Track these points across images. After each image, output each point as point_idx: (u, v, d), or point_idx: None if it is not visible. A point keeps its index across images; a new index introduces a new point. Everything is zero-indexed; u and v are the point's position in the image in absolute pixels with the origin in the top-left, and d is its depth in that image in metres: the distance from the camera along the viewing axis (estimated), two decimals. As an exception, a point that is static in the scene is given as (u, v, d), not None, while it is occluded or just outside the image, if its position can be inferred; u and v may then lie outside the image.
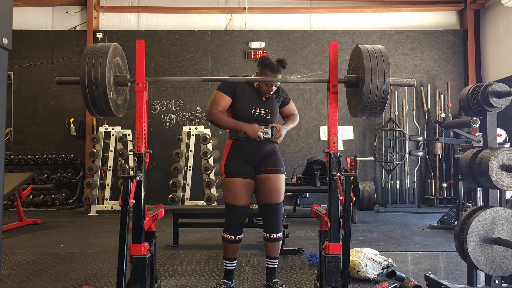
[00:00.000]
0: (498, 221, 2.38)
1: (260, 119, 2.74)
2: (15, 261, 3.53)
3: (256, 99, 2.76)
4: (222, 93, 2.71)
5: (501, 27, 7.23)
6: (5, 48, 0.99)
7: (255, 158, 2.73)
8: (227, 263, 2.79)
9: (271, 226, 2.72)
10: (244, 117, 2.71)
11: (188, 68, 7.70)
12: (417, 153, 7.33)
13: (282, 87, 2.92)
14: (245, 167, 2.71)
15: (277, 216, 2.73)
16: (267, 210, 2.72)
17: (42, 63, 7.74)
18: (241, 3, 7.84)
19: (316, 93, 7.74)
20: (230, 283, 2.80)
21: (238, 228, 2.72)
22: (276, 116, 2.84)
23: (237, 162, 2.71)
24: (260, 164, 2.74)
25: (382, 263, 3.06)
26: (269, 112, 2.77)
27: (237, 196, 2.68)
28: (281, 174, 2.76)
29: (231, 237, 2.71)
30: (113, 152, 6.85)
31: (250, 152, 2.72)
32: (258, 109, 2.74)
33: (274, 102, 2.82)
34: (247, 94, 2.74)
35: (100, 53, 2.17)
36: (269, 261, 2.81)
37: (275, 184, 2.71)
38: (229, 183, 2.70)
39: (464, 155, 2.63)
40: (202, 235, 4.67)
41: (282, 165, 2.79)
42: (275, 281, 2.77)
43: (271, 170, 2.72)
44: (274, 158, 2.77)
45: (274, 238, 2.74)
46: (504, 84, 2.53)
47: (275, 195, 2.70)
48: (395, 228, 5.25)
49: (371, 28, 7.90)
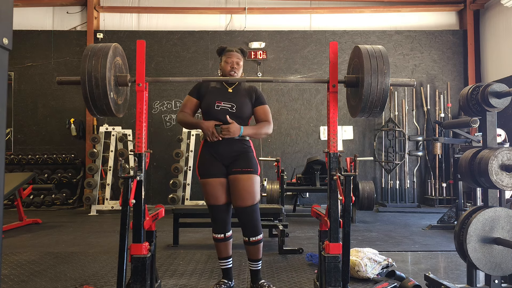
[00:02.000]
0: (497, 221, 2.39)
1: (225, 113, 2.64)
2: (15, 261, 3.53)
3: (220, 93, 2.72)
4: (188, 96, 2.81)
5: (501, 27, 7.23)
6: (5, 48, 0.99)
7: (225, 157, 2.67)
8: (223, 263, 2.78)
9: (248, 230, 2.66)
10: (210, 112, 2.69)
11: (188, 68, 7.71)
12: (417, 153, 7.33)
13: (257, 88, 2.81)
14: (218, 167, 2.67)
15: (252, 219, 2.64)
16: (241, 213, 2.65)
17: (43, 63, 7.75)
18: (241, 3, 7.85)
19: (316, 93, 7.74)
20: (230, 283, 2.78)
21: (224, 226, 2.71)
22: (245, 111, 2.70)
23: (209, 163, 2.68)
24: (230, 164, 2.67)
25: (382, 262, 3.06)
26: (234, 106, 2.67)
27: (215, 196, 2.65)
28: (252, 174, 2.65)
29: (220, 235, 2.71)
30: (113, 152, 6.85)
31: (220, 151, 2.67)
32: (222, 102, 2.68)
33: (243, 97, 2.72)
34: (212, 90, 2.74)
35: (100, 53, 2.18)
36: (252, 264, 2.75)
37: (245, 186, 2.61)
38: (205, 184, 2.68)
39: (463, 155, 2.64)
40: (202, 235, 4.67)
41: (254, 166, 2.67)
42: (261, 282, 2.72)
43: (239, 171, 2.63)
44: (245, 158, 2.67)
45: (253, 242, 2.67)
46: (503, 84, 2.54)
47: (246, 197, 2.61)
48: (394, 228, 5.26)
49: (371, 28, 7.90)
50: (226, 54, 2.76)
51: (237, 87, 2.76)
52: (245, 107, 2.71)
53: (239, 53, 2.78)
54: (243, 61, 2.79)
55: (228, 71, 2.73)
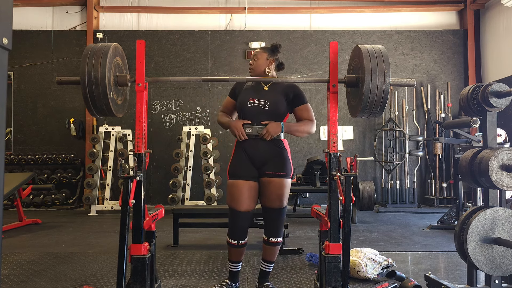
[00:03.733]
0: (498, 221, 2.38)
1: (258, 111, 2.62)
2: (15, 261, 3.53)
3: (254, 91, 2.70)
4: (227, 96, 2.83)
5: (501, 27, 7.23)
6: (5, 48, 0.99)
7: (259, 159, 2.61)
8: (231, 266, 2.74)
9: (270, 229, 2.66)
10: (243, 109, 2.67)
11: (188, 68, 7.70)
12: (417, 153, 7.33)
13: (298, 87, 2.71)
14: (248, 169, 2.61)
15: (277, 221, 2.63)
16: (267, 214, 2.65)
17: (42, 63, 7.74)
18: (241, 3, 7.84)
19: (316, 93, 7.74)
20: (234, 285, 2.75)
21: (241, 234, 2.64)
22: (278, 108, 2.63)
23: (240, 164, 2.63)
24: (263, 166, 2.60)
25: (382, 263, 3.06)
26: (267, 103, 2.62)
27: (240, 200, 2.57)
28: (284, 178, 2.60)
29: (234, 241, 2.64)
30: (113, 152, 6.85)
31: (253, 152, 2.61)
32: (255, 100, 2.65)
33: (278, 94, 2.66)
34: (246, 88, 2.74)
35: (100, 53, 2.17)
36: (265, 265, 2.73)
37: (276, 189, 2.58)
38: (231, 185, 2.62)
39: (464, 155, 2.63)
40: (202, 235, 4.67)
41: (287, 169, 2.62)
42: (267, 284, 2.71)
43: (272, 174, 2.59)
44: (279, 160, 2.61)
45: (273, 242, 2.66)
46: (504, 84, 2.53)
47: (276, 200, 2.59)
48: (395, 228, 5.25)
49: (371, 28, 7.90)
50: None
51: (273, 85, 2.70)
52: (280, 104, 2.64)
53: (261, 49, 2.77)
54: (265, 56, 2.73)
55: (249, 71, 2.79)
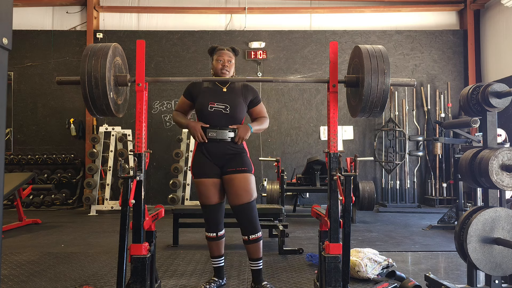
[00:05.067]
0: (498, 221, 2.38)
1: (219, 115, 2.65)
2: (15, 261, 3.53)
3: (213, 94, 2.70)
4: (182, 96, 2.84)
5: (501, 27, 7.23)
6: (5, 48, 0.99)
7: (219, 159, 2.67)
8: (215, 261, 2.82)
9: (245, 227, 2.66)
10: (203, 113, 2.68)
11: (188, 68, 7.70)
12: (417, 153, 7.33)
13: (253, 86, 2.81)
14: (211, 168, 2.68)
15: (250, 216, 2.64)
16: (237, 211, 2.66)
17: (42, 63, 7.74)
18: (241, 3, 7.85)
19: (316, 93, 7.74)
20: (221, 281, 2.81)
21: (216, 225, 2.74)
22: (239, 112, 2.69)
23: (202, 163, 2.69)
24: (224, 165, 2.68)
25: (382, 263, 3.06)
26: (228, 107, 2.66)
27: (208, 196, 2.67)
28: (246, 173, 2.65)
29: (212, 234, 2.74)
30: (113, 152, 6.85)
31: (213, 153, 2.67)
32: (215, 104, 2.67)
33: (237, 97, 2.71)
34: (205, 90, 2.73)
35: (100, 53, 2.17)
36: (253, 263, 2.73)
37: (240, 183, 2.62)
38: (198, 184, 2.70)
39: (464, 155, 2.63)
40: (202, 235, 4.67)
41: (248, 165, 2.68)
42: (264, 284, 2.70)
43: (234, 171, 2.64)
44: (239, 159, 2.68)
45: (253, 239, 2.66)
46: (504, 84, 2.53)
47: (242, 194, 2.62)
48: (395, 228, 5.25)
49: (371, 28, 7.90)
50: (217, 52, 2.76)
51: (231, 86, 2.75)
52: (239, 107, 2.70)
53: (231, 52, 2.77)
54: (234, 60, 2.78)
55: (220, 69, 2.72)
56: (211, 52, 2.81)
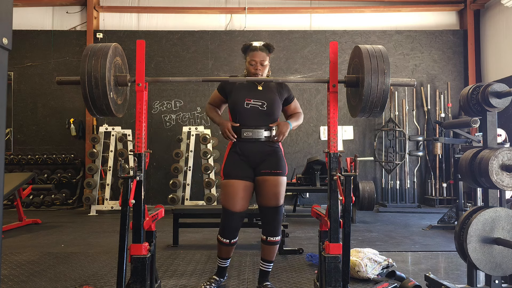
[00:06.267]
0: (498, 221, 2.38)
1: (255, 111, 2.63)
2: (15, 261, 3.53)
3: (249, 90, 2.67)
4: (216, 90, 2.83)
5: (501, 27, 7.23)
6: (5, 48, 0.99)
7: (254, 159, 2.64)
8: (221, 261, 2.80)
9: (268, 229, 2.66)
10: (238, 109, 2.65)
11: (188, 68, 7.70)
12: (417, 153, 7.33)
13: (286, 84, 2.80)
14: (245, 169, 2.63)
15: (275, 220, 2.64)
16: (265, 213, 2.65)
17: (42, 63, 7.74)
18: (241, 3, 7.84)
19: (316, 93, 7.74)
20: (221, 280, 2.83)
21: (233, 233, 2.67)
22: (275, 109, 2.67)
23: (235, 164, 2.64)
24: (259, 165, 2.64)
25: (382, 263, 3.06)
26: (265, 103, 2.64)
27: (234, 201, 2.59)
28: (280, 176, 2.64)
29: (226, 240, 2.67)
30: (113, 152, 6.85)
31: (249, 152, 2.63)
32: (251, 100, 2.64)
33: (273, 94, 2.68)
34: (239, 87, 2.69)
35: (100, 53, 2.17)
36: (264, 264, 2.74)
37: (273, 187, 2.61)
38: (226, 185, 2.63)
39: (464, 155, 2.63)
40: (202, 235, 4.67)
41: (282, 167, 2.67)
42: (266, 284, 2.72)
43: (268, 173, 2.61)
44: (274, 159, 2.65)
45: (271, 242, 2.67)
46: (504, 84, 2.53)
47: (272, 198, 2.61)
48: (395, 228, 5.25)
49: (371, 28, 7.90)
50: (249, 54, 2.68)
51: (266, 84, 2.71)
52: (276, 105, 2.68)
53: (264, 51, 2.68)
54: (269, 59, 2.71)
55: (253, 73, 2.67)
56: (244, 50, 2.73)
